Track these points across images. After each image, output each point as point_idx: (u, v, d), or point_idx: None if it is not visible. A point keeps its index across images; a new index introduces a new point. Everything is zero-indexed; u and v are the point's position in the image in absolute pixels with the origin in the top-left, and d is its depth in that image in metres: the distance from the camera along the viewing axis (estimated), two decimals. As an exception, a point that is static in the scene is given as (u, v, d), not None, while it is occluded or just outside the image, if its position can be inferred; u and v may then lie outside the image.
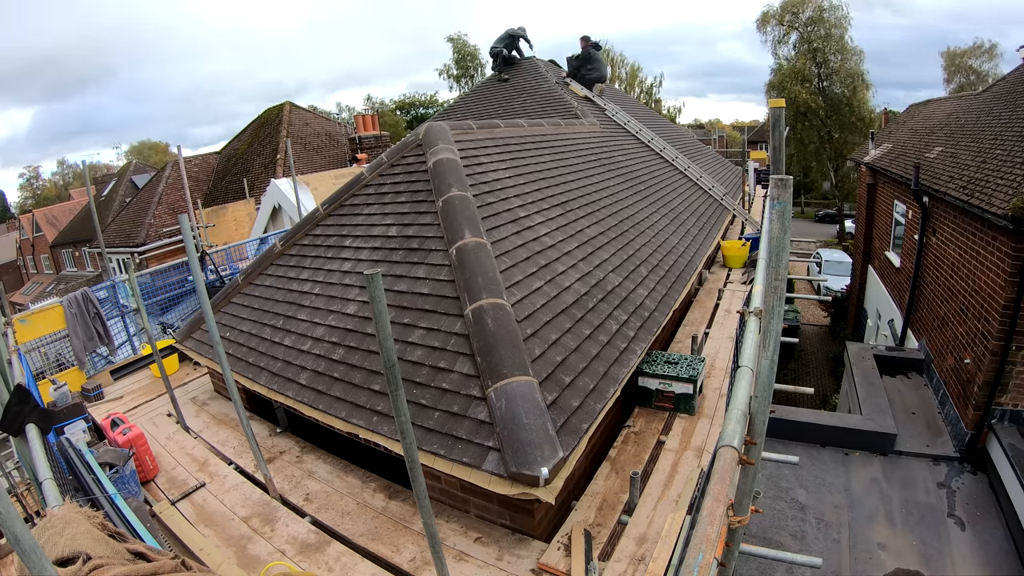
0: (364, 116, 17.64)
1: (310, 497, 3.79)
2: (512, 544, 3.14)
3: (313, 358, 4.21)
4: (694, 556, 1.28)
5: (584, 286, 4.55)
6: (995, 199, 5.63)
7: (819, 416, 6.67)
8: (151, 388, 6.10)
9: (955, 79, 32.01)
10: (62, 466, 3.27)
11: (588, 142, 8.37)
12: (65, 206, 35.37)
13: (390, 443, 3.35)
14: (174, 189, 20.75)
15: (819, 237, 28.23)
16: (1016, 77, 9.48)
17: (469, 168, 5.09)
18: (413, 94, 42.27)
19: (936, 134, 10.15)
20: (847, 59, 28.63)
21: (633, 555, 2.89)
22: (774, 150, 3.70)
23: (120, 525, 2.76)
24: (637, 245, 6.01)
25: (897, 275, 10.20)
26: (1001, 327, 5.47)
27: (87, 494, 3.03)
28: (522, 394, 3.13)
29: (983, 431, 5.77)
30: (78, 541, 1.68)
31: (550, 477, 2.80)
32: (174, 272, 8.91)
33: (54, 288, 26.67)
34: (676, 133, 16.66)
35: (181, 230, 3.33)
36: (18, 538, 1.29)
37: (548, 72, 12.37)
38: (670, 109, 38.30)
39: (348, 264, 4.77)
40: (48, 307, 7.03)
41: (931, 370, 7.55)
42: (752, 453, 1.82)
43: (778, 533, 5.05)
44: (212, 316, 3.43)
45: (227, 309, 5.46)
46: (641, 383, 4.33)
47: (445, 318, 3.79)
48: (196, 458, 4.48)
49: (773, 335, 1.71)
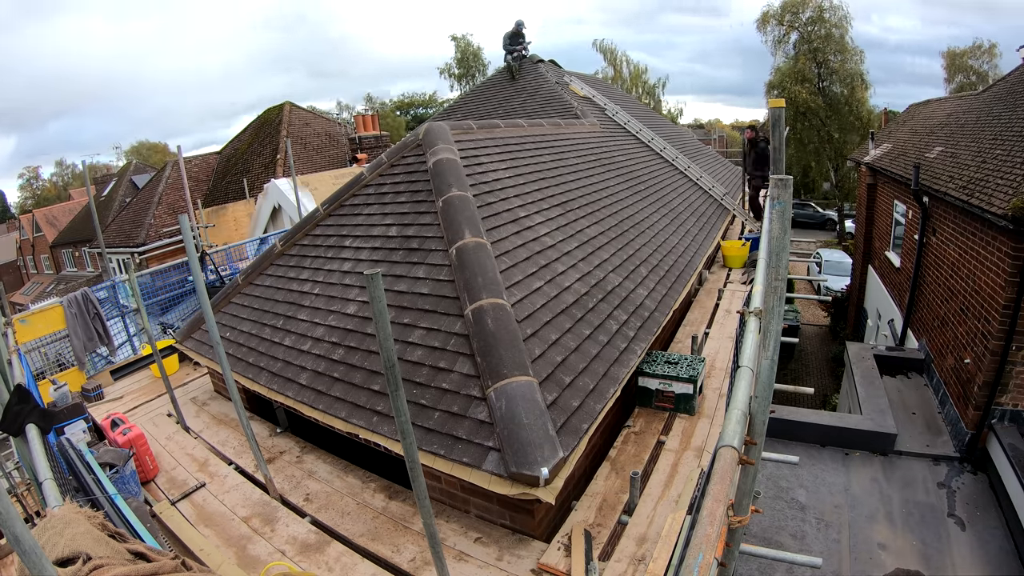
0: (364, 116, 17.68)
1: (310, 497, 3.79)
2: (512, 544, 3.14)
3: (313, 358, 4.21)
4: (694, 556, 1.28)
5: (584, 286, 4.55)
6: (995, 199, 5.63)
7: (819, 416, 6.67)
8: (151, 388, 6.10)
9: (956, 79, 31.99)
10: (62, 466, 3.27)
11: (588, 142, 8.37)
12: (65, 206, 35.36)
13: (390, 443, 3.35)
14: (174, 189, 20.75)
15: (819, 238, 28.22)
16: (1016, 77, 9.48)
17: (469, 168, 5.09)
18: (412, 94, 42.30)
19: (936, 134, 10.15)
20: (847, 59, 28.65)
21: (633, 555, 2.89)
22: (774, 150, 3.70)
23: (120, 526, 2.76)
24: (637, 245, 6.02)
25: (897, 275, 10.19)
26: (1001, 327, 5.47)
27: (88, 494, 3.03)
28: (522, 394, 3.13)
29: (983, 431, 5.77)
30: (78, 541, 1.68)
31: (550, 477, 2.80)
32: (174, 272, 8.92)
33: (54, 288, 26.66)
34: (676, 133, 16.66)
35: (181, 230, 3.33)
36: (18, 538, 1.29)
37: (548, 72, 12.39)
38: (671, 110, 38.30)
39: (348, 264, 4.77)
40: (48, 307, 7.03)
41: (931, 370, 7.55)
42: (752, 453, 1.82)
43: (778, 533, 5.05)
44: (212, 316, 3.43)
45: (227, 309, 5.46)
46: (641, 383, 4.32)
47: (445, 318, 3.79)
48: (196, 458, 4.48)
49: (773, 335, 1.71)
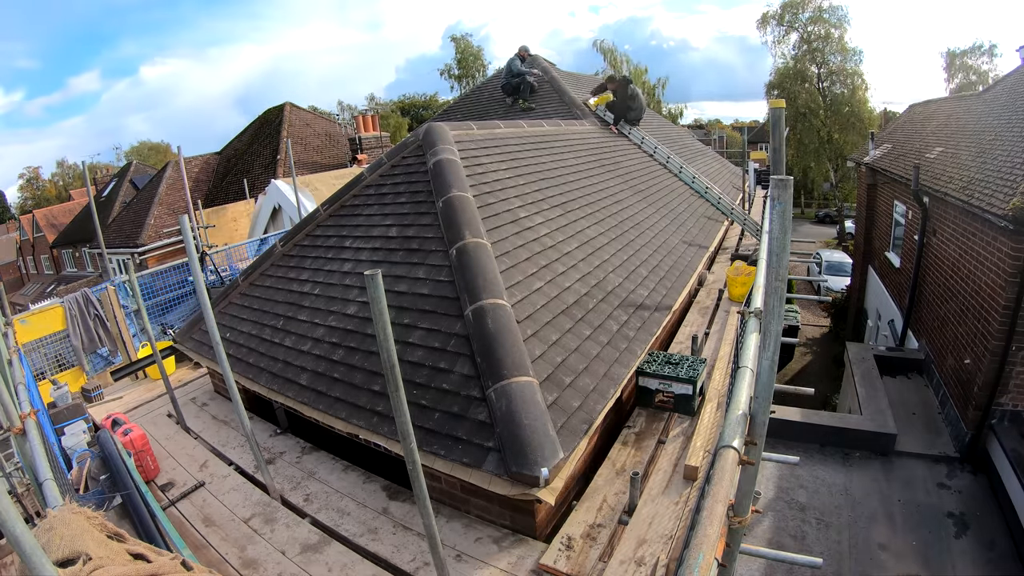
0: (364, 116, 17.71)
1: (310, 497, 3.79)
2: (512, 544, 3.14)
3: (313, 359, 4.21)
4: (694, 556, 1.28)
5: (584, 286, 4.55)
6: (995, 199, 5.63)
7: (819, 416, 6.67)
8: (151, 388, 6.10)
9: (956, 79, 32.03)
10: (62, 465, 3.28)
11: (588, 142, 8.37)
12: (65, 207, 35.37)
13: (390, 444, 3.35)
14: (174, 189, 20.77)
15: (819, 238, 28.23)
16: (1016, 77, 9.48)
17: (469, 168, 5.09)
18: (412, 94, 42.30)
19: (936, 134, 10.15)
20: (847, 59, 28.70)
21: (633, 555, 2.88)
22: (774, 151, 3.71)
23: (158, 536, 2.81)
24: (637, 245, 6.02)
25: (897, 275, 10.20)
26: (1001, 327, 5.47)
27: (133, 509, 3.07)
28: (522, 395, 3.13)
29: (983, 431, 5.77)
30: (78, 542, 1.68)
31: (550, 477, 2.80)
32: (174, 273, 8.92)
33: (54, 288, 26.66)
34: (676, 133, 16.68)
35: (181, 230, 3.33)
36: (19, 539, 1.29)
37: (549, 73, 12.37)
38: (670, 111, 38.28)
39: (348, 264, 4.77)
40: (48, 308, 7.04)
41: (931, 370, 7.55)
42: (752, 453, 1.82)
43: (778, 533, 5.05)
44: (212, 316, 3.43)
45: (227, 309, 5.45)
46: (641, 383, 4.32)
47: (445, 319, 3.79)
48: (196, 458, 4.48)
49: (773, 335, 1.71)
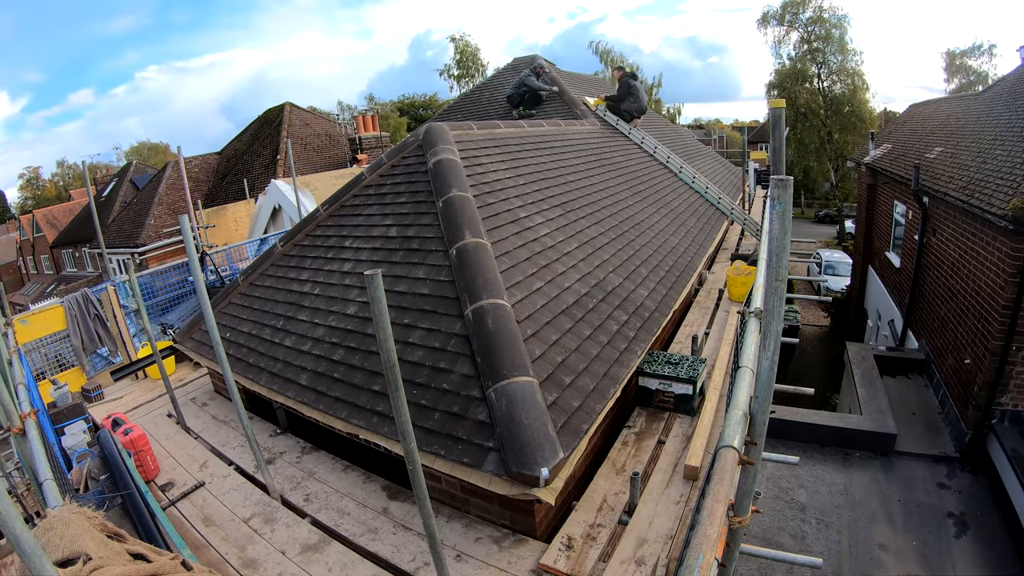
0: (364, 116, 17.71)
1: (310, 497, 3.79)
2: (512, 544, 3.14)
3: (313, 359, 4.21)
4: (694, 556, 1.28)
5: (584, 286, 4.55)
6: (995, 199, 5.63)
7: (819, 416, 6.67)
8: (151, 388, 6.10)
9: (956, 79, 32.05)
10: (62, 465, 3.28)
11: (588, 142, 8.37)
12: (65, 206, 35.37)
13: (390, 444, 3.35)
14: (174, 189, 20.77)
15: (819, 238, 28.24)
16: (1016, 77, 9.49)
17: (469, 168, 5.09)
18: (412, 95, 42.32)
19: (936, 134, 10.15)
20: (847, 59, 28.71)
21: (633, 555, 2.89)
22: (774, 151, 3.71)
23: (158, 536, 2.81)
24: (637, 245, 6.01)
25: (897, 275, 10.20)
26: (1001, 327, 5.47)
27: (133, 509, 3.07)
28: (522, 394, 3.13)
29: (983, 431, 5.77)
30: (78, 542, 1.68)
31: (550, 477, 2.80)
32: (174, 272, 8.92)
33: (54, 288, 26.67)
34: (676, 133, 16.67)
35: (181, 230, 3.33)
36: (19, 539, 1.29)
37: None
38: (669, 110, 38.27)
39: (348, 264, 4.77)
40: (48, 308, 7.04)
41: (931, 370, 7.55)
42: (752, 453, 1.82)
43: (778, 533, 5.05)
44: (212, 316, 3.43)
45: (227, 309, 5.45)
46: (641, 383, 4.32)
47: (445, 318, 3.79)
48: (196, 458, 4.48)
49: (773, 335, 1.71)
